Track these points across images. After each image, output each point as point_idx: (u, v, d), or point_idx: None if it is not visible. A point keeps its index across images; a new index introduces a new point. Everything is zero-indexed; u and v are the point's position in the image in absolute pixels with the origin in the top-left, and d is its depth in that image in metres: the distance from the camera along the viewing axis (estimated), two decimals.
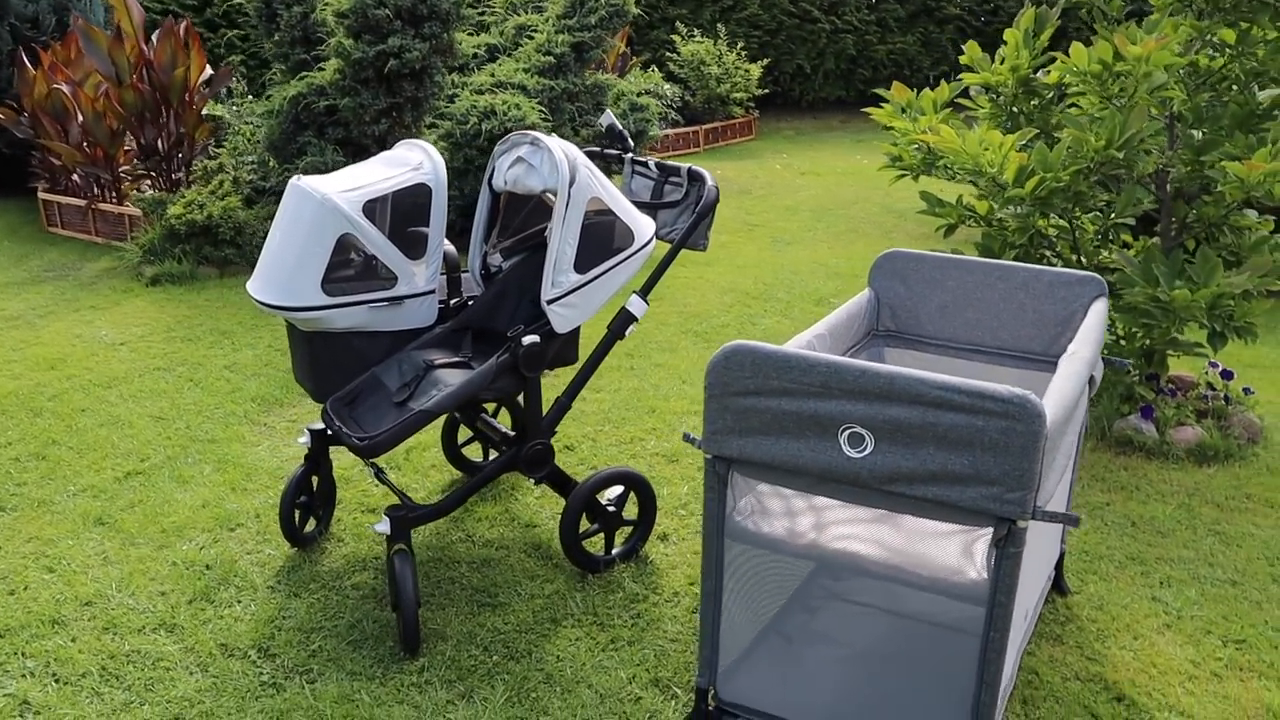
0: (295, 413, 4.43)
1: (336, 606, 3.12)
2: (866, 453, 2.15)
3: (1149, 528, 3.55)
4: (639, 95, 6.95)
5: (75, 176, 7.33)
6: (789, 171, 9.63)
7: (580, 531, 3.18)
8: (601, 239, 3.01)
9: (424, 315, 3.19)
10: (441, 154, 5.85)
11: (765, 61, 10.94)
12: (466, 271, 3.33)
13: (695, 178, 3.28)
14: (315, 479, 3.43)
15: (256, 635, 2.99)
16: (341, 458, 3.94)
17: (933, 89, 4.47)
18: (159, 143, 6.48)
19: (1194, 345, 4.11)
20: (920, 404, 2.08)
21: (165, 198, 6.08)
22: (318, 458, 3.41)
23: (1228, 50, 4.10)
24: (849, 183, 9.08)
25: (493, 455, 3.93)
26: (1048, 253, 4.44)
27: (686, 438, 2.42)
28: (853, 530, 2.38)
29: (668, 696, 2.73)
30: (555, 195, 2.94)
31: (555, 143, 2.96)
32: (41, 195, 7.66)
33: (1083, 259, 4.28)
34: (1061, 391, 2.25)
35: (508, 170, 3.08)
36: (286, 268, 2.97)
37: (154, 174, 6.69)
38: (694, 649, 2.91)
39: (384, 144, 6.09)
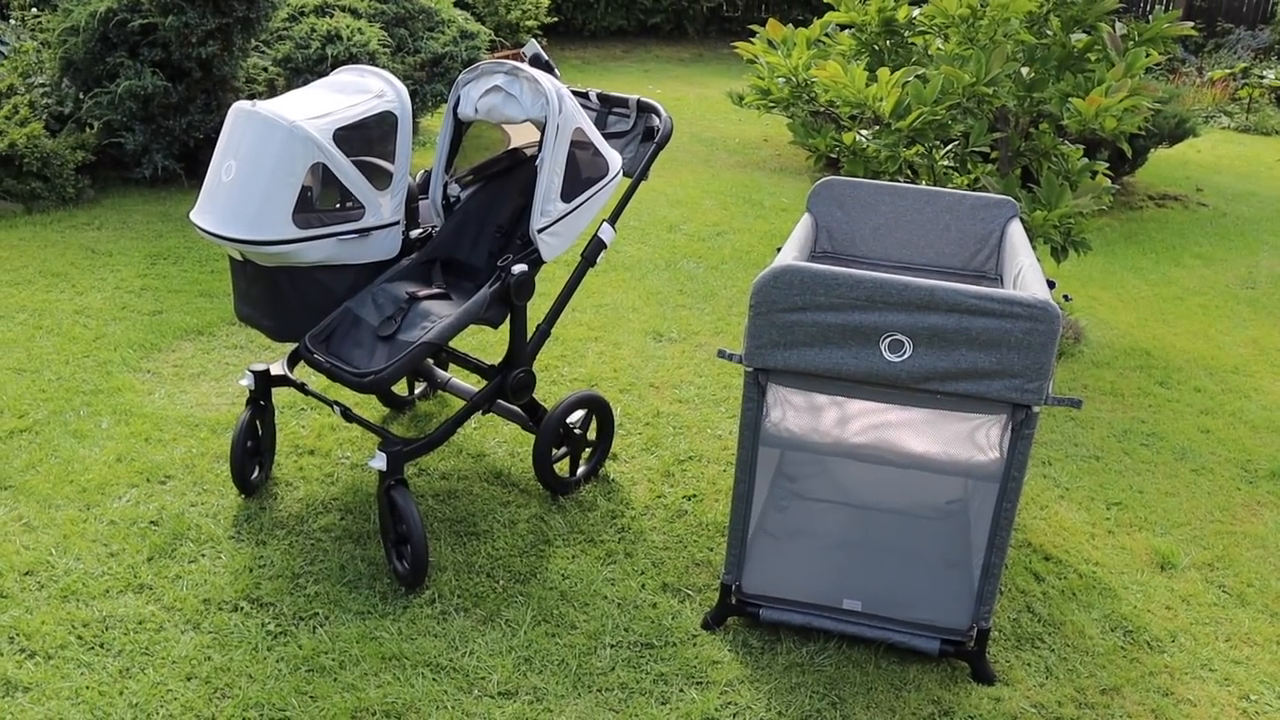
0: (178, 357, 4.14)
1: (313, 551, 3.05)
2: (905, 357, 2.41)
3: None
4: (466, 21, 6.79)
5: None
6: None
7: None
8: (581, 168, 3.06)
9: (389, 247, 3.12)
10: (279, 80, 5.53)
11: None
12: (424, 198, 3.27)
13: (645, 108, 3.38)
14: (259, 423, 3.29)
15: (240, 586, 2.88)
16: None
17: (708, 20, 4.73)
18: None
19: None
20: (957, 311, 2.36)
21: None
22: (261, 400, 3.27)
23: None
24: None
25: (419, 388, 3.90)
26: (900, 179, 4.89)
27: (722, 354, 2.58)
28: (873, 431, 2.65)
29: (681, 599, 2.92)
30: (538, 125, 2.96)
31: (536, 72, 2.97)
32: None
33: (936, 183, 4.76)
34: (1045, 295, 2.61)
35: (480, 99, 3.05)
36: (251, 199, 2.82)
37: None
38: (687, 555, 3.11)
39: (209, 68, 5.63)
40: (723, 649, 2.72)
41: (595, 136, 3.08)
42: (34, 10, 5.90)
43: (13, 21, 6.01)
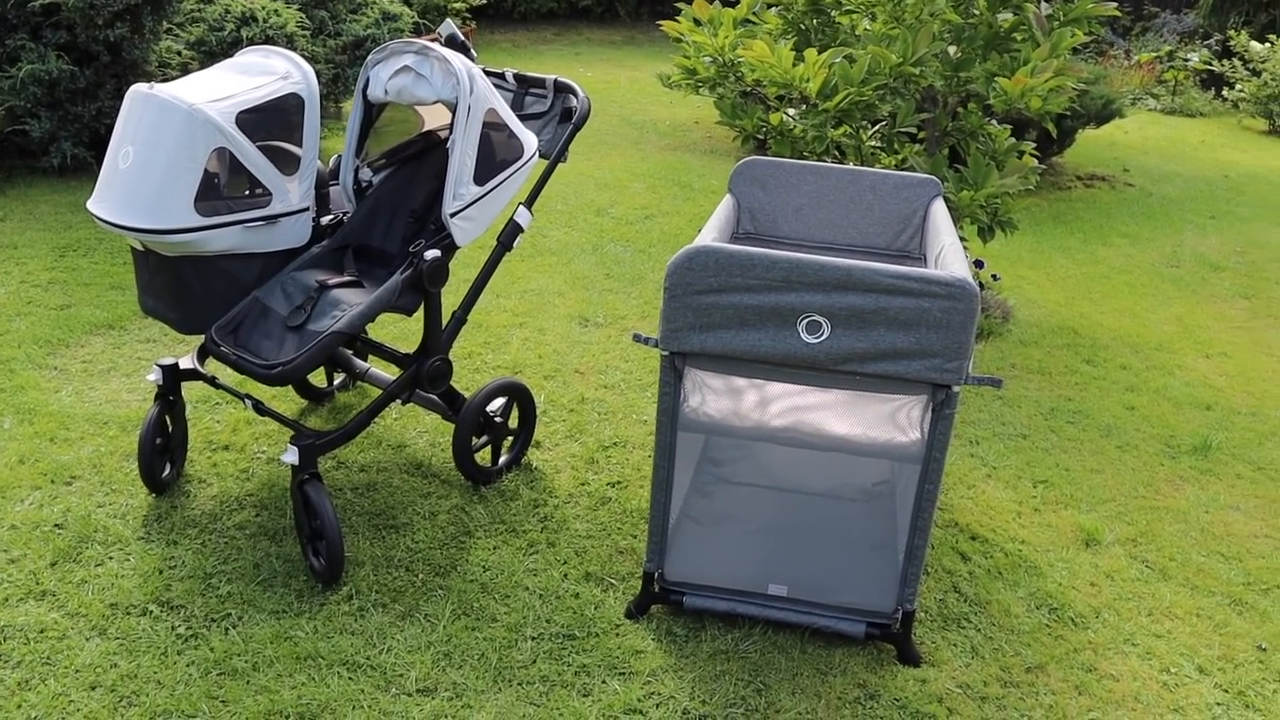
0: (87, 353, 3.98)
1: (227, 549, 2.95)
2: (823, 338, 2.38)
3: None
4: (390, 4, 6.63)
5: None
6: None
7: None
8: (495, 151, 2.98)
9: (298, 234, 3.01)
10: (193, 65, 5.35)
11: None
12: (336, 184, 3.17)
13: (562, 89, 3.31)
14: (168, 419, 3.17)
15: (149, 589, 2.77)
16: None
17: (640, 3, 4.68)
18: None
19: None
20: (874, 291, 2.33)
21: None
22: (170, 396, 3.15)
23: None
24: None
25: (338, 379, 3.79)
26: (827, 159, 4.87)
27: (637, 338, 2.53)
28: (793, 414, 2.62)
29: (604, 588, 2.87)
30: (449, 106, 2.87)
31: (447, 51, 2.88)
32: None
33: (863, 164, 4.75)
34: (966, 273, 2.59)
35: (389, 80, 2.95)
36: (149, 186, 2.70)
37: None
38: (610, 543, 3.06)
39: (118, 51, 5.42)
40: (646, 638, 2.68)
41: (509, 118, 3.00)
42: None
43: None
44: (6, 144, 5.65)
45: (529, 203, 3.18)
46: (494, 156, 2.99)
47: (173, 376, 3.12)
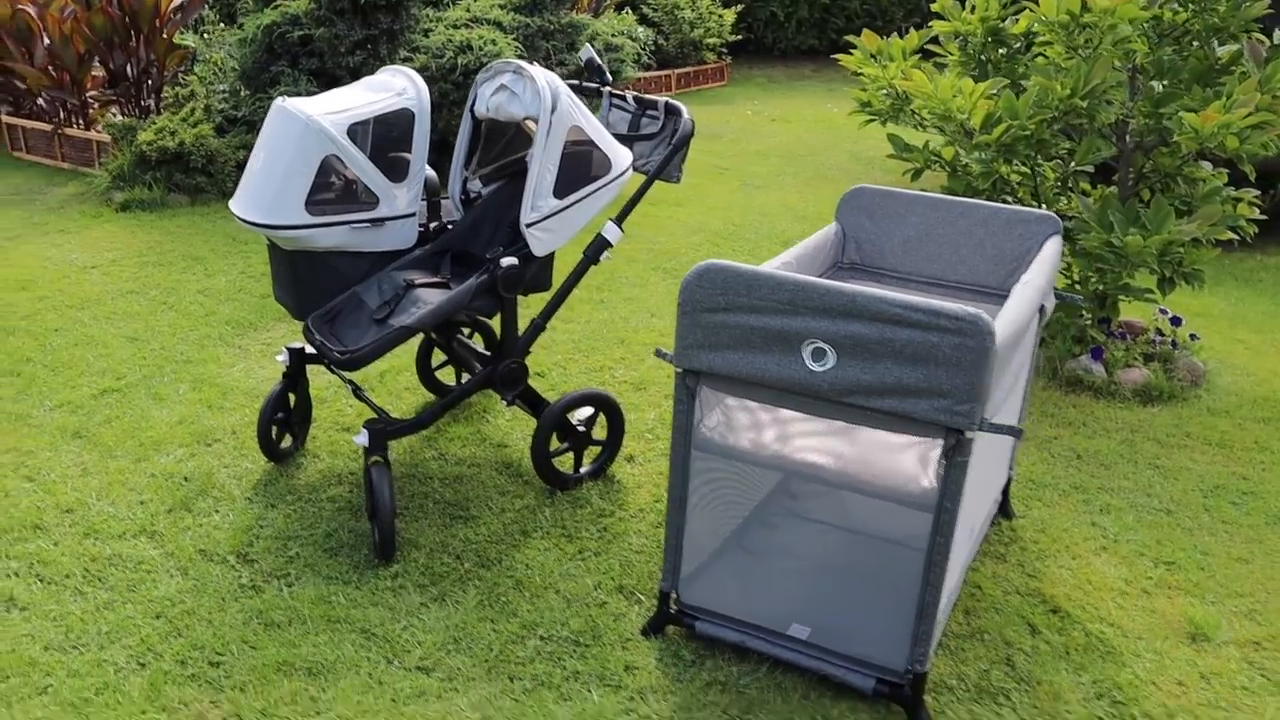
0: (269, 336, 4.49)
1: (313, 517, 3.23)
2: (828, 367, 2.28)
3: (1093, 460, 3.73)
4: (614, 36, 6.96)
5: (40, 101, 7.23)
6: (759, 118, 9.69)
7: (551, 450, 3.30)
8: (580, 166, 3.09)
9: (404, 237, 3.26)
10: None
11: (739, 7, 10.94)
12: (447, 197, 3.40)
13: (672, 111, 3.37)
14: (293, 396, 3.52)
15: (235, 542, 3.09)
16: (319, 378, 4.03)
17: (902, 38, 4.57)
18: (128, 69, 6.41)
19: (1144, 291, 4.27)
20: (880, 321, 2.21)
21: (135, 124, 6.04)
22: (295, 376, 3.49)
23: (1190, 5, 4.22)
24: (819, 130, 9.17)
25: (465, 378, 4.03)
26: (1009, 198, 4.57)
27: (659, 353, 2.54)
28: (813, 443, 2.51)
29: (632, 601, 2.87)
30: (537, 122, 3.02)
31: (538, 71, 3.02)
32: (5, 119, 7.55)
33: (1043, 205, 4.42)
34: (1012, 313, 2.38)
35: (490, 97, 3.14)
36: (271, 187, 3.03)
37: (122, 100, 6.63)
38: (658, 560, 3.05)
39: (358, 76, 6.07)
40: (649, 656, 2.65)
41: (598, 135, 3.09)
42: (221, 25, 6.58)
43: (205, 36, 6.73)
44: None
45: (619, 218, 3.25)
46: (583, 171, 3.10)
47: (299, 359, 3.46)
